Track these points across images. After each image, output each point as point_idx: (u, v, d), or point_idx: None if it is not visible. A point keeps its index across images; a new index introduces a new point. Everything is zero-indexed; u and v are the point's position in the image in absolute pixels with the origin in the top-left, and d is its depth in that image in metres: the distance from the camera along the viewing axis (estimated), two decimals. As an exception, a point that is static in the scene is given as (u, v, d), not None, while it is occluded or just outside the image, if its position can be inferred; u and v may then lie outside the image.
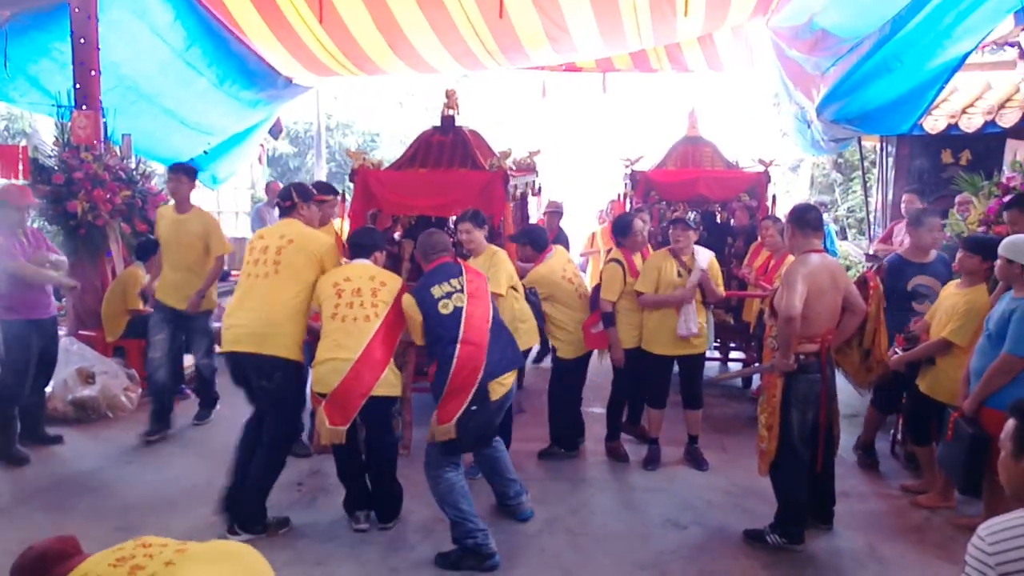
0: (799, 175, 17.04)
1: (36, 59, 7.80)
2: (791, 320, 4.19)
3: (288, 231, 4.60)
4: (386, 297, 4.48)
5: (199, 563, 1.89)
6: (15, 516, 4.74)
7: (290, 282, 4.49)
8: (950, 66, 5.70)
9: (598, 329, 5.64)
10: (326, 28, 8.69)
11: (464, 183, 6.06)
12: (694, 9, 8.18)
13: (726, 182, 8.01)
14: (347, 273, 4.56)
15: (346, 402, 4.32)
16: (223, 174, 11.09)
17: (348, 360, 4.32)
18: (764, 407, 4.52)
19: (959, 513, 4.89)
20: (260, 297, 4.46)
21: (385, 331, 4.42)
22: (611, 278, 5.62)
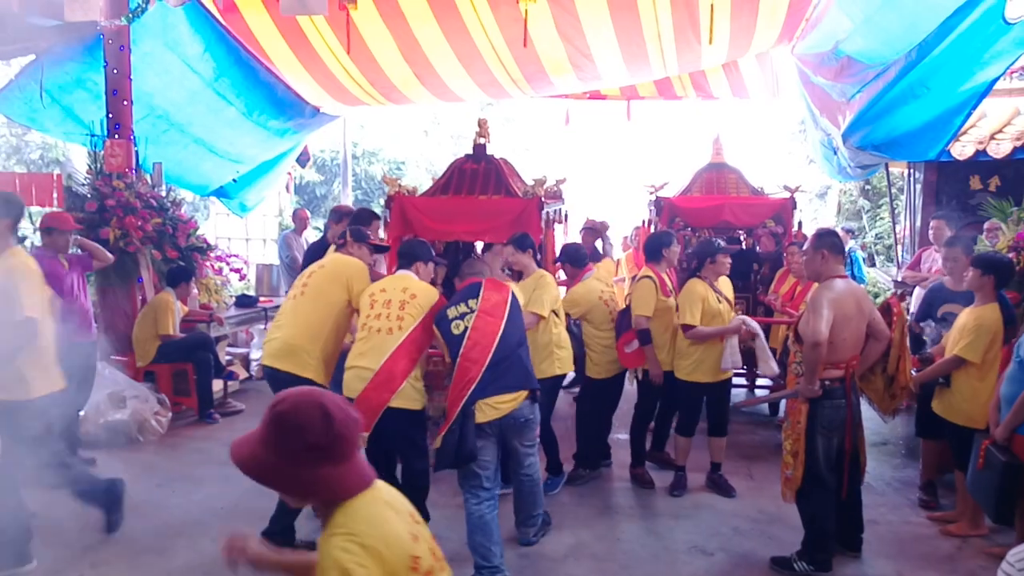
0: (826, 202, 16.97)
1: (71, 89, 7.97)
2: (817, 346, 4.18)
3: (325, 260, 4.85)
4: (414, 311, 4.51)
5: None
6: (48, 536, 4.77)
7: (315, 303, 4.63)
8: (978, 92, 5.67)
9: (632, 348, 5.66)
10: (353, 58, 8.81)
11: (500, 210, 6.18)
12: (719, 37, 8.20)
13: (751, 208, 7.98)
14: (384, 285, 4.67)
15: (368, 410, 4.32)
16: (252, 202, 11.22)
17: (370, 369, 4.40)
18: (789, 433, 4.50)
19: (991, 542, 4.82)
20: (288, 317, 4.66)
21: (408, 345, 4.45)
22: (645, 293, 5.61)
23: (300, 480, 1.81)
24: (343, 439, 1.81)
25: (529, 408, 4.46)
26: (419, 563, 1.86)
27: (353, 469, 1.85)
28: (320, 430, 1.77)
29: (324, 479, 1.80)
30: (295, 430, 1.78)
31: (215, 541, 4.74)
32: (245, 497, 5.46)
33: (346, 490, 1.84)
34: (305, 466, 1.79)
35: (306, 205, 17.93)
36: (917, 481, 5.88)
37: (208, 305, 8.16)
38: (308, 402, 1.82)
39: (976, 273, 4.79)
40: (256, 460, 1.82)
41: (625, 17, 8.17)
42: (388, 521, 1.86)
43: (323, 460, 1.79)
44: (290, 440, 1.78)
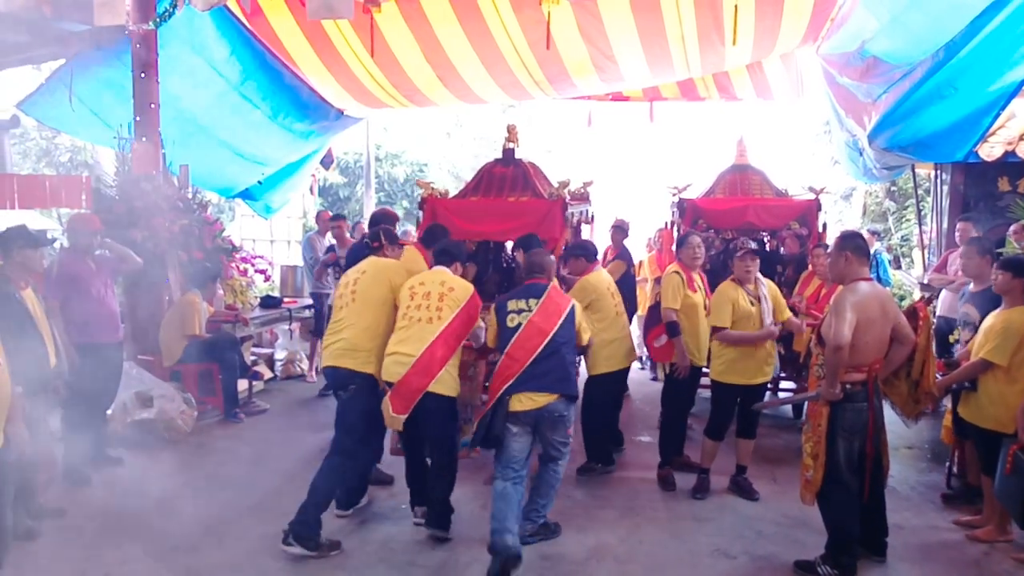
0: (851, 203, 16.83)
1: (99, 93, 8.08)
2: (840, 349, 4.15)
3: (365, 266, 5.11)
4: (451, 303, 4.79)
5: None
6: (78, 533, 4.85)
7: (366, 307, 4.92)
8: (1006, 92, 5.60)
9: (661, 342, 5.83)
10: (377, 61, 8.86)
11: (526, 210, 6.48)
12: (743, 38, 8.16)
13: (776, 210, 7.92)
14: (423, 278, 4.97)
15: (407, 394, 4.64)
16: (276, 204, 11.32)
17: (411, 356, 4.66)
18: (809, 436, 4.47)
19: (1019, 547, 4.76)
20: (346, 321, 4.93)
21: (447, 335, 4.72)
22: (672, 287, 5.81)
23: None
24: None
25: (564, 406, 4.66)
26: None
27: None
28: None
29: None
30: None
31: (241, 540, 4.80)
32: (270, 496, 5.52)
33: None
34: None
35: (329, 207, 18.02)
36: (942, 485, 5.83)
37: (233, 306, 8.23)
38: None
39: (1007, 276, 4.71)
40: None
41: (648, 18, 8.16)
42: None
43: None
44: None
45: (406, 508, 5.26)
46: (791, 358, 7.13)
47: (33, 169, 16.12)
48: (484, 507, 5.33)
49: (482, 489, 5.63)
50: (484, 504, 5.38)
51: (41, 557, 4.50)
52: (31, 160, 16.72)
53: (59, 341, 5.19)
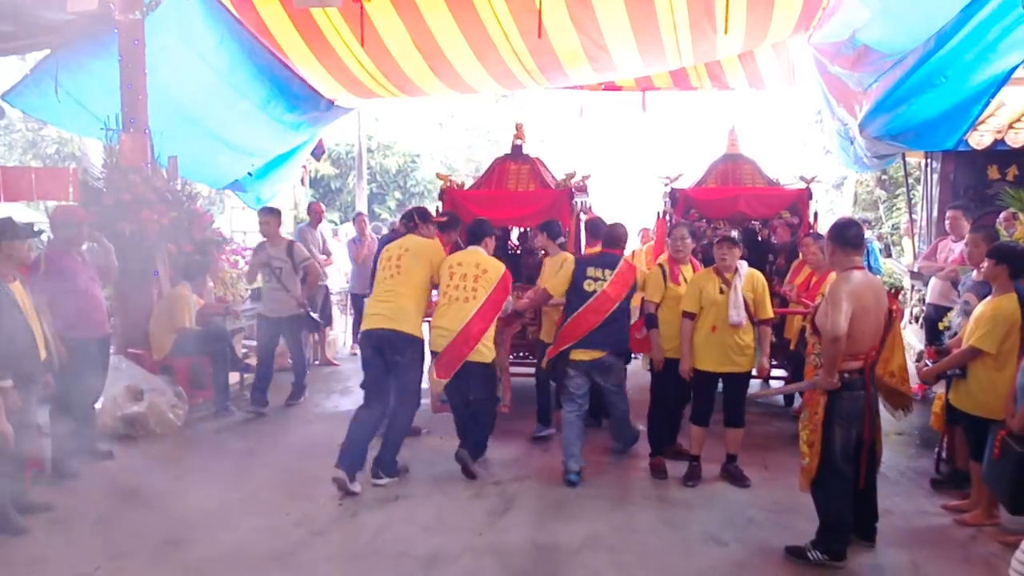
0: (843, 192, 16.86)
1: (86, 84, 8.01)
2: (837, 340, 4.17)
3: (407, 243, 5.86)
4: (485, 284, 5.69)
5: None
6: (67, 528, 4.83)
7: (410, 279, 5.69)
8: (996, 81, 5.61)
9: (643, 334, 6.01)
10: (367, 51, 8.82)
11: (536, 199, 7.47)
12: (734, 27, 8.16)
13: (767, 199, 7.91)
14: (460, 259, 5.86)
15: (449, 362, 5.59)
16: (267, 195, 11.26)
17: (451, 331, 5.58)
18: (806, 424, 4.48)
19: (1006, 531, 4.79)
20: (393, 291, 5.66)
21: (482, 311, 5.63)
22: (653, 280, 5.94)
23: None
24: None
25: (612, 358, 5.72)
26: None
27: None
28: None
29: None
30: None
31: (233, 532, 4.80)
32: (262, 489, 5.51)
33: None
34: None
35: (321, 198, 18.00)
36: (931, 471, 5.86)
37: (224, 298, 8.21)
38: None
39: (991, 263, 4.77)
40: None
41: (640, 7, 8.14)
42: None
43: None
44: None
45: (399, 498, 5.31)
46: (782, 345, 7.15)
47: (19, 161, 16.00)
48: (476, 497, 5.41)
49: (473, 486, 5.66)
50: (476, 494, 5.46)
51: (30, 552, 4.48)
52: (17, 152, 16.62)
53: (48, 334, 5.16)
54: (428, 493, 5.47)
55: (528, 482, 5.70)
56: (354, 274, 10.25)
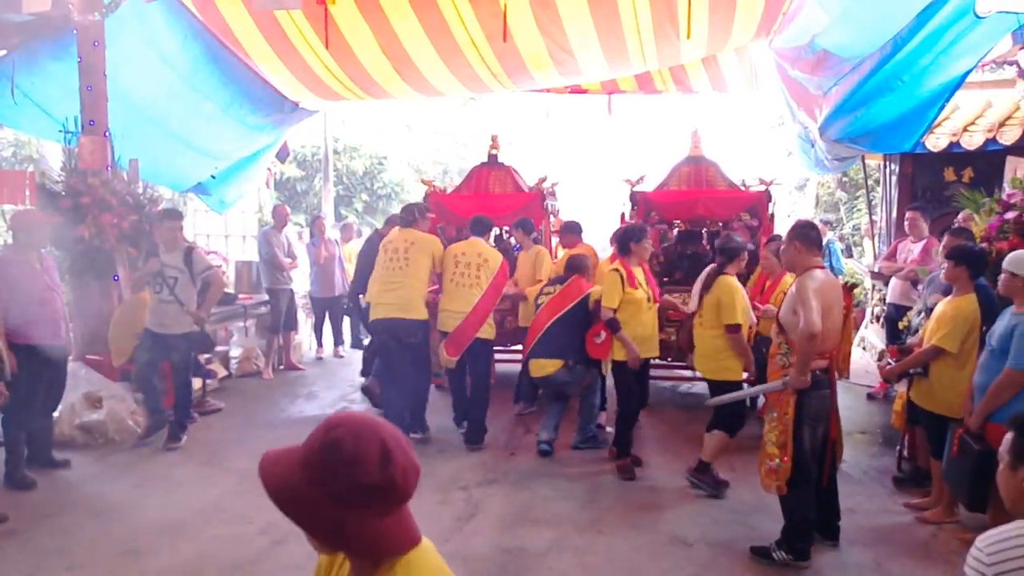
0: (805, 194, 17.07)
1: (45, 86, 7.86)
2: (813, 337, 4.21)
3: (411, 236, 6.56)
4: (487, 272, 6.50)
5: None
6: (22, 539, 4.74)
7: (417, 269, 6.46)
8: (951, 85, 5.72)
9: (600, 339, 6.03)
10: (332, 53, 8.76)
11: (512, 202, 8.30)
12: (697, 31, 8.22)
13: (726, 202, 7.98)
14: (463, 249, 6.70)
15: (459, 340, 6.42)
16: (231, 198, 11.15)
17: (461, 313, 6.41)
18: (775, 425, 4.48)
19: (965, 528, 4.87)
20: (401, 281, 6.41)
21: (487, 295, 6.45)
22: (609, 285, 5.94)
23: (338, 523, 1.46)
24: (398, 488, 1.47)
25: (565, 373, 6.21)
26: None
27: (403, 522, 1.53)
28: (376, 470, 1.45)
29: (369, 529, 1.47)
30: (348, 464, 1.44)
31: (194, 542, 4.74)
32: (224, 497, 5.45)
33: (393, 546, 1.51)
34: (348, 509, 1.45)
35: (287, 201, 17.83)
36: (893, 469, 5.94)
37: (187, 303, 8.08)
38: (369, 435, 1.47)
39: (950, 264, 4.86)
40: (290, 486, 1.48)
41: (604, 12, 8.17)
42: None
43: (371, 505, 1.46)
44: (339, 474, 1.44)
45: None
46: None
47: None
48: (442, 504, 5.39)
49: (439, 492, 5.64)
50: (442, 500, 5.45)
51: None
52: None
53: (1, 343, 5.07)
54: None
55: (495, 486, 5.70)
56: (314, 277, 10.18)
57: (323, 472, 1.44)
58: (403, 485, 1.47)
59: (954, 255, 4.86)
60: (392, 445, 1.48)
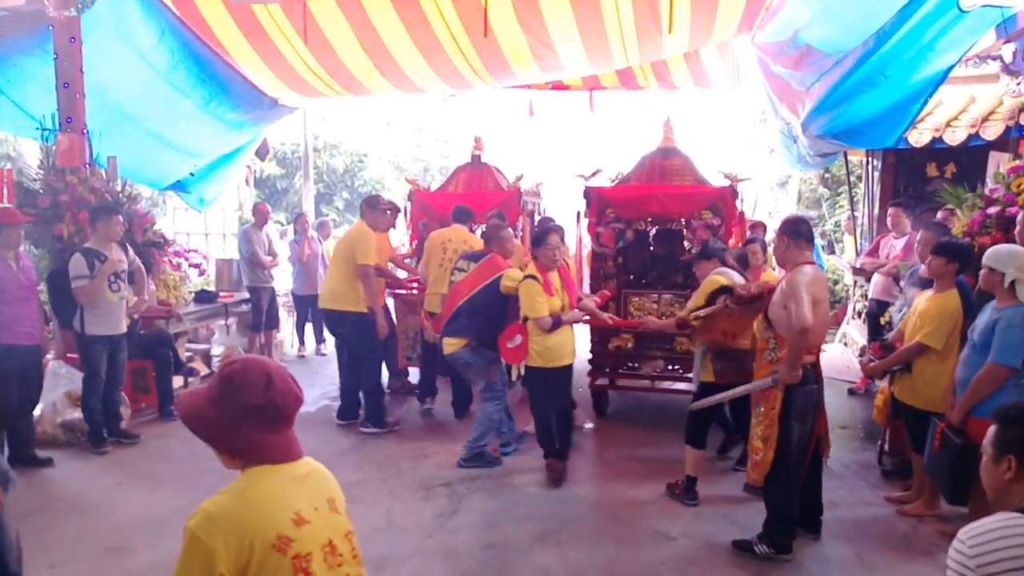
0: (787, 191, 17.14)
1: (21, 83, 7.74)
2: (805, 332, 4.21)
3: (349, 230, 6.94)
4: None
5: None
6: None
7: (339, 261, 6.73)
8: (934, 80, 5.74)
9: (515, 343, 5.66)
10: (311, 48, 8.68)
11: (491, 199, 8.41)
12: (679, 26, 8.20)
13: (683, 198, 7.11)
14: (450, 235, 7.18)
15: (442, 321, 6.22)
16: (210, 196, 11.05)
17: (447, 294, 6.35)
18: (761, 419, 4.48)
19: (946, 521, 4.90)
20: (328, 274, 6.96)
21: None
22: (531, 295, 5.54)
23: (230, 438, 1.91)
24: (278, 407, 1.90)
25: (469, 353, 5.96)
26: (288, 544, 1.84)
27: (279, 441, 1.94)
28: (259, 393, 1.88)
29: (251, 442, 1.90)
30: (237, 389, 1.88)
31: (176, 540, 4.67)
32: (206, 494, 5.34)
33: (264, 457, 1.93)
34: (238, 425, 1.89)
35: (267, 199, 17.76)
36: (875, 464, 5.97)
37: (167, 301, 8.02)
38: (255, 368, 1.92)
39: (941, 261, 4.81)
40: (197, 413, 1.92)
41: (586, 6, 8.14)
42: (271, 496, 1.89)
43: (255, 423, 1.89)
44: (230, 398, 1.88)
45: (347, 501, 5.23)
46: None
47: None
48: (425, 500, 5.37)
49: (423, 487, 5.61)
50: (425, 497, 5.42)
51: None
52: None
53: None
54: (377, 496, 5.41)
55: (478, 482, 5.68)
56: (296, 275, 10.12)
57: (220, 398, 1.90)
58: (283, 405, 1.92)
59: (943, 251, 4.83)
60: (275, 376, 1.92)
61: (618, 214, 7.33)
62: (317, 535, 1.92)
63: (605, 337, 7.06)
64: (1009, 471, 2.22)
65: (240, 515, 1.84)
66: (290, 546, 1.85)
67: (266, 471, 1.92)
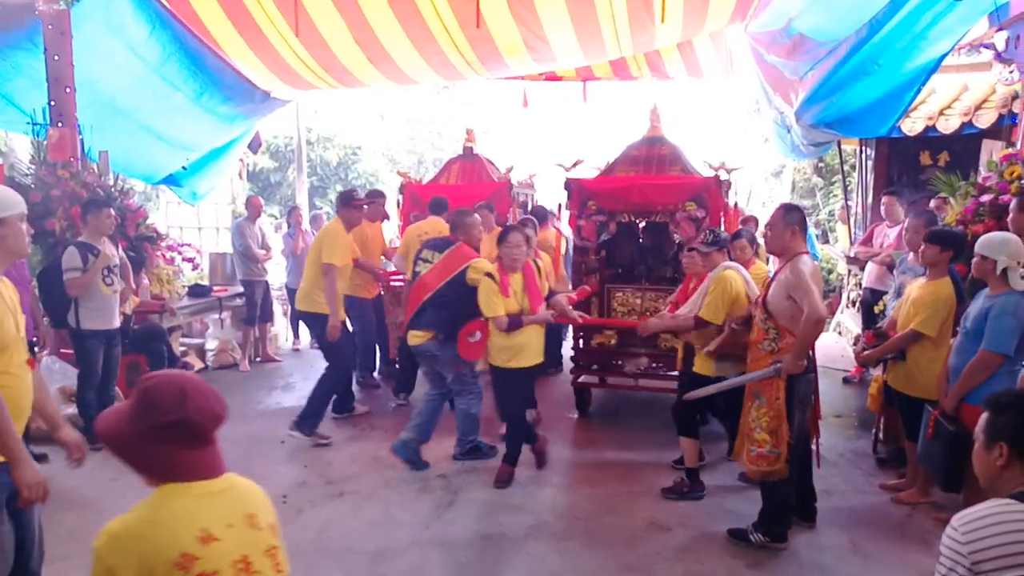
0: (781, 180, 17.15)
1: (10, 77, 7.72)
2: (820, 322, 4.21)
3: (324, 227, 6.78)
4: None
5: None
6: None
7: (312, 263, 6.53)
8: (927, 68, 5.73)
9: (475, 339, 5.48)
10: (303, 40, 8.65)
11: (482, 190, 8.32)
12: (671, 15, 8.19)
13: (667, 189, 6.75)
14: (427, 227, 7.07)
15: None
16: (203, 189, 11.02)
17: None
18: (765, 411, 4.38)
19: (940, 508, 4.92)
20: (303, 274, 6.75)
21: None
22: (486, 295, 5.34)
23: (143, 456, 1.88)
24: (192, 424, 1.85)
25: (435, 345, 5.65)
26: (192, 563, 1.81)
27: (194, 458, 1.89)
28: (173, 410, 1.83)
29: (164, 459, 1.87)
30: (150, 406, 1.85)
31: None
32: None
33: (176, 475, 1.88)
34: (151, 443, 1.85)
35: (260, 192, 17.72)
36: (870, 452, 5.99)
37: (160, 296, 8.01)
38: (170, 384, 1.88)
39: (935, 249, 4.80)
40: (113, 431, 1.89)
41: (579, -3, 8.14)
42: (175, 515, 1.84)
43: (168, 440, 1.84)
44: (144, 415, 1.85)
45: (344, 494, 5.30)
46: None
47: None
48: (421, 491, 5.38)
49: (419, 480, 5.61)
50: (422, 488, 5.43)
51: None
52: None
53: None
54: (374, 488, 5.42)
55: (474, 474, 5.68)
56: (290, 268, 10.10)
57: (134, 415, 1.85)
58: (198, 422, 1.86)
59: (937, 239, 4.82)
60: (191, 392, 1.86)
61: (600, 206, 7.00)
62: (228, 552, 1.86)
63: (588, 334, 6.88)
64: (1000, 458, 2.22)
65: (142, 534, 1.81)
66: (194, 564, 1.80)
67: (176, 489, 1.87)
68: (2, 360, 2.87)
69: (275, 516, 2.05)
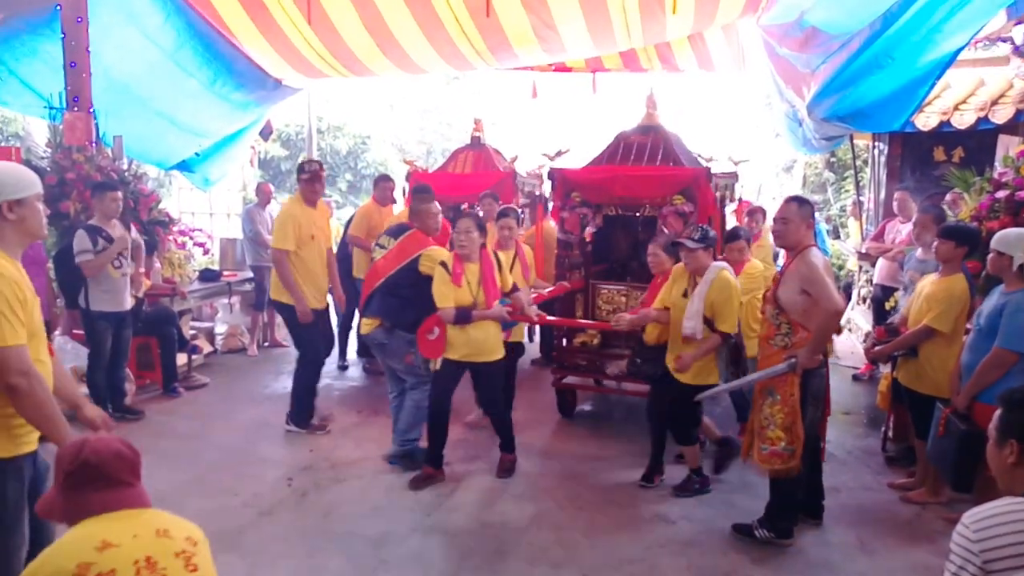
0: (792, 175, 17.07)
1: (29, 62, 7.80)
2: (838, 315, 4.20)
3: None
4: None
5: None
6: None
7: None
8: (942, 62, 5.66)
9: (434, 335, 5.28)
10: (315, 29, 8.65)
11: (487, 179, 8.20)
12: (683, 6, 8.14)
13: (652, 181, 6.31)
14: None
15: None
16: (215, 176, 11.05)
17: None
18: (780, 407, 4.32)
19: (950, 509, 4.88)
20: None
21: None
22: (438, 284, 5.17)
23: (66, 506, 2.05)
24: (92, 466, 2.02)
25: (383, 334, 5.51)
26: (87, 569, 1.88)
27: (108, 498, 2.04)
28: (71, 458, 2.04)
29: (81, 501, 2.02)
30: (58, 461, 2.08)
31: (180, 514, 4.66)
32: (210, 470, 5.44)
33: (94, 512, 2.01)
34: (69, 492, 2.04)
35: (270, 179, 17.72)
36: (879, 449, 5.96)
37: (171, 279, 8.03)
38: (73, 442, 2.11)
39: (950, 245, 4.74)
40: (48, 498, 2.13)
41: (590, -14, 8.10)
42: (76, 537, 1.98)
43: (80, 485, 2.03)
44: (56, 471, 2.07)
45: (348, 479, 5.33)
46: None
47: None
48: (427, 478, 5.37)
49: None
50: (427, 475, 5.42)
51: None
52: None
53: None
54: (377, 474, 5.44)
55: (476, 463, 5.69)
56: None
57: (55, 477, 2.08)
58: (98, 464, 2.03)
59: (952, 235, 4.77)
60: (91, 441, 2.08)
61: (584, 198, 6.62)
62: (128, 554, 1.94)
63: (570, 333, 6.70)
64: (1012, 455, 2.19)
65: (45, 562, 1.94)
66: (90, 569, 1.88)
67: (87, 521, 2.02)
68: (32, 347, 2.87)
69: (202, 537, 2.26)
